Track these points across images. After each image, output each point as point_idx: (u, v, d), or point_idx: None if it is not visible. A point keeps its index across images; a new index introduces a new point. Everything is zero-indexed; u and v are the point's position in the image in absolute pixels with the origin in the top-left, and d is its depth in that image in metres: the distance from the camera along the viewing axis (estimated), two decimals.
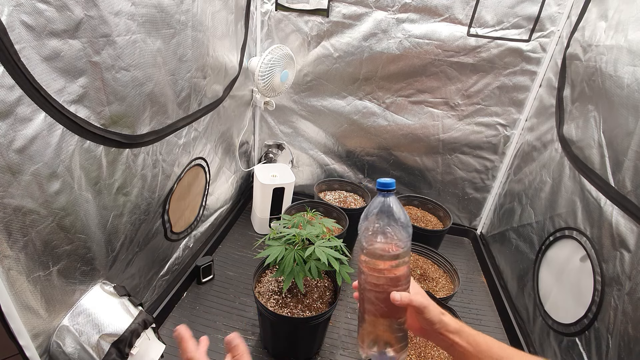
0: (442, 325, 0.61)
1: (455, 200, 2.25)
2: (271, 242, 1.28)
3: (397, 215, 0.61)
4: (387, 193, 0.62)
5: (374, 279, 0.62)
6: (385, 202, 0.62)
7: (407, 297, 0.60)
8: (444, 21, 1.77)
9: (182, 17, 1.16)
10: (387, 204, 0.62)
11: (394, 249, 0.61)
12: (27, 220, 0.76)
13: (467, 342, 0.60)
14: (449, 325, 0.61)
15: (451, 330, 0.61)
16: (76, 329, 0.91)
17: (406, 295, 0.60)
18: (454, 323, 0.62)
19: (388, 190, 0.62)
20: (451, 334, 0.61)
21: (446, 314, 0.63)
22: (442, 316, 0.62)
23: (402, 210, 0.62)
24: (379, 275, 0.62)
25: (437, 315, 0.61)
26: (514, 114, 1.93)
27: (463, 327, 0.61)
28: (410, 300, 0.60)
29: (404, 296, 0.60)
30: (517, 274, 1.73)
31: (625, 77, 1.18)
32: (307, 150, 2.29)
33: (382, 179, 0.62)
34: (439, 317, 0.61)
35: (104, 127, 0.93)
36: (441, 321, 0.61)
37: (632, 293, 1.03)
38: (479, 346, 0.59)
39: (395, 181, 0.61)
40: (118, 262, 1.13)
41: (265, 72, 1.75)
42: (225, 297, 1.64)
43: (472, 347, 0.59)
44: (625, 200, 1.11)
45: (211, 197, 1.83)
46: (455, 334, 0.60)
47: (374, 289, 0.62)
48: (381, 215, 0.62)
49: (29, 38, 0.69)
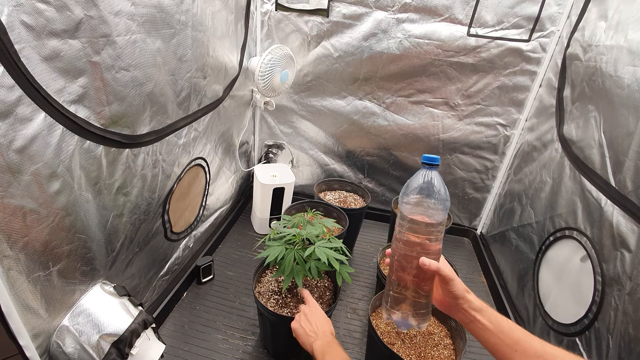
0: (466, 301, 0.63)
1: (455, 200, 2.24)
2: (271, 242, 1.28)
3: (437, 188, 0.64)
4: (430, 167, 0.65)
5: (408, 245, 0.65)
6: (428, 174, 0.65)
7: (435, 264, 0.62)
8: (444, 21, 1.77)
9: (182, 17, 1.16)
10: (429, 177, 0.65)
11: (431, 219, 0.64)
12: (27, 220, 0.76)
13: (489, 321, 0.61)
14: (472, 303, 0.62)
15: (474, 307, 0.62)
16: (76, 329, 0.91)
17: (435, 262, 0.62)
18: (478, 302, 0.63)
19: (432, 165, 0.65)
20: (473, 311, 0.62)
21: (471, 293, 0.65)
22: (466, 293, 0.63)
23: (442, 185, 0.65)
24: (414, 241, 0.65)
25: (462, 290, 0.63)
26: (514, 114, 1.93)
27: (486, 307, 0.63)
28: (437, 268, 0.62)
29: (433, 263, 0.62)
30: (517, 274, 1.73)
31: (625, 77, 1.18)
32: (307, 150, 2.29)
33: (427, 155, 0.66)
34: (463, 293, 0.63)
35: (104, 127, 0.93)
36: (465, 297, 0.63)
37: (633, 293, 1.03)
38: (500, 326, 0.60)
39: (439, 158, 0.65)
40: (118, 262, 1.13)
41: (265, 72, 1.75)
42: (225, 297, 1.64)
43: (494, 325, 0.60)
44: (626, 200, 1.11)
45: (211, 197, 1.83)
46: (478, 312, 0.62)
47: (408, 253, 0.65)
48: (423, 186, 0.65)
49: (29, 38, 0.69)
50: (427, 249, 0.65)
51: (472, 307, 0.62)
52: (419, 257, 0.64)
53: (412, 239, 0.65)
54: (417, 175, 0.66)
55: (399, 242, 0.67)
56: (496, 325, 0.60)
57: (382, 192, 2.32)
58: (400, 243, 0.67)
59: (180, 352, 1.36)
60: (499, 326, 0.60)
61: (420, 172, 0.66)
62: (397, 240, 0.68)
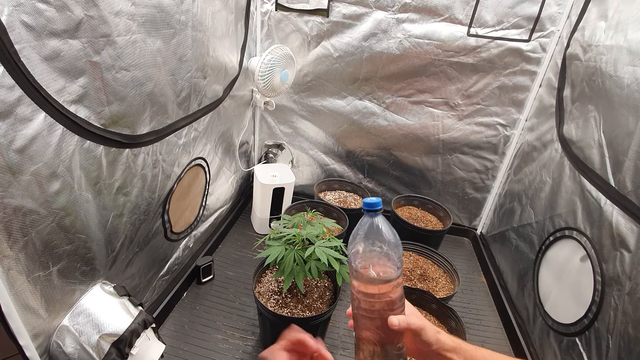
0: (440, 345, 0.59)
1: (455, 200, 2.25)
2: (271, 242, 1.28)
3: (387, 236, 0.58)
4: (374, 213, 0.58)
5: (368, 305, 0.59)
6: (373, 223, 0.58)
7: (404, 320, 0.58)
8: (444, 21, 1.77)
9: (182, 17, 1.16)
10: (375, 225, 0.58)
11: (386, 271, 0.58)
12: (27, 220, 0.76)
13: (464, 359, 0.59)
14: (446, 344, 0.60)
15: (448, 349, 0.59)
16: (76, 329, 0.91)
17: (403, 318, 0.58)
18: (451, 341, 0.60)
19: (375, 211, 0.58)
20: (449, 353, 0.59)
21: (442, 332, 0.61)
22: (438, 335, 0.60)
23: (391, 230, 0.59)
24: (373, 300, 0.59)
25: (434, 335, 0.60)
26: (514, 114, 1.93)
27: (460, 345, 0.60)
28: (408, 324, 0.58)
29: (401, 320, 0.57)
30: (517, 274, 1.73)
31: (625, 77, 1.18)
32: (307, 150, 2.29)
33: (367, 199, 0.58)
34: (435, 337, 0.59)
35: (104, 127, 0.93)
36: (438, 341, 0.59)
37: (633, 293, 1.03)
38: None
39: (381, 200, 0.58)
40: (118, 262, 1.13)
41: (265, 72, 1.75)
42: (225, 297, 1.64)
43: None
44: (626, 200, 1.11)
45: (211, 197, 1.83)
46: (453, 352, 0.59)
47: (369, 315, 0.60)
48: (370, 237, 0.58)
49: (29, 38, 0.69)
50: (392, 303, 0.59)
51: (446, 349, 0.59)
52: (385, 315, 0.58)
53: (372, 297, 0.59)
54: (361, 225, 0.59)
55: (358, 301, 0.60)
56: None
57: (382, 192, 2.33)
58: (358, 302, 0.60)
59: (180, 352, 1.36)
60: None
61: (363, 220, 0.59)
62: (355, 299, 0.61)
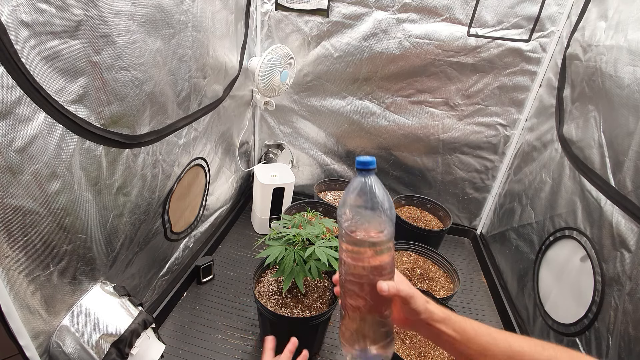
0: (429, 315, 0.57)
1: (455, 200, 2.25)
2: (271, 242, 1.28)
3: (380, 198, 0.55)
4: (367, 172, 0.55)
5: (356, 270, 0.57)
6: (366, 183, 0.55)
7: (394, 286, 0.56)
8: (444, 21, 1.77)
9: (182, 17, 1.16)
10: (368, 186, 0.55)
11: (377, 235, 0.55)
12: (27, 220, 0.76)
13: (454, 330, 0.57)
14: (435, 314, 0.58)
15: (437, 319, 0.57)
16: (76, 329, 0.91)
17: (393, 284, 0.56)
18: (440, 312, 0.58)
19: (368, 170, 0.55)
20: (437, 323, 0.57)
21: (431, 302, 0.59)
22: (427, 305, 0.58)
23: (384, 192, 0.56)
24: (362, 264, 0.56)
25: (423, 304, 0.57)
26: (514, 114, 1.93)
27: (449, 315, 0.58)
28: (397, 291, 0.55)
29: (391, 286, 0.55)
30: (517, 274, 1.73)
31: (625, 77, 1.18)
32: (307, 150, 2.29)
33: (361, 157, 0.54)
34: (424, 307, 0.57)
35: (104, 127, 0.93)
36: (427, 310, 0.57)
37: (633, 293, 1.03)
38: (466, 333, 0.56)
39: (375, 159, 0.55)
40: (118, 262, 1.13)
41: (265, 72, 1.75)
42: (225, 297, 1.64)
43: (460, 335, 0.56)
44: (626, 200, 1.11)
45: (211, 197, 1.83)
46: (442, 323, 0.57)
47: (357, 280, 0.57)
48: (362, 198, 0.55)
49: (29, 38, 0.69)
50: (381, 269, 0.56)
51: (435, 319, 0.57)
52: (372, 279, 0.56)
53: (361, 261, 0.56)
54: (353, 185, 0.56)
55: (346, 265, 0.58)
56: (462, 334, 0.56)
57: None
58: (346, 267, 0.58)
59: (180, 352, 1.36)
60: (464, 334, 0.56)
61: (355, 180, 0.56)
62: (343, 264, 0.58)
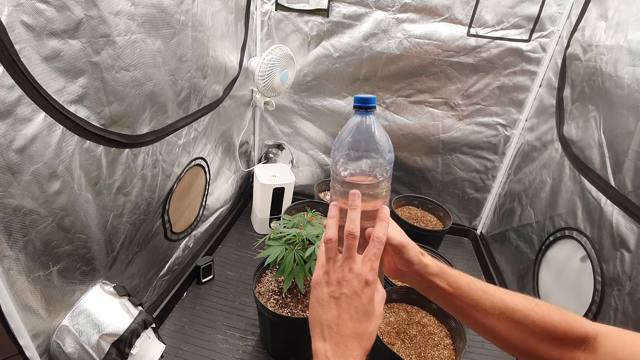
0: (422, 267, 0.55)
1: (455, 200, 2.24)
2: (271, 242, 1.28)
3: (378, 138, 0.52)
4: (365, 111, 0.52)
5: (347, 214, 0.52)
6: (364, 122, 0.52)
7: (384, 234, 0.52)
8: (444, 21, 1.77)
9: (182, 17, 1.16)
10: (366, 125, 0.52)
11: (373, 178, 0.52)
12: (27, 220, 0.76)
13: (448, 284, 0.55)
14: (429, 267, 0.56)
15: (431, 272, 0.55)
16: (76, 329, 0.91)
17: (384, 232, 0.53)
18: (435, 265, 0.56)
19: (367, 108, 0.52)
20: (431, 276, 0.55)
21: (426, 255, 0.57)
22: (421, 257, 0.56)
23: (383, 132, 0.53)
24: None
25: (417, 255, 0.55)
26: (514, 114, 1.93)
27: (444, 269, 0.57)
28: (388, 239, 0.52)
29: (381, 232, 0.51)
30: (517, 274, 1.73)
31: (625, 77, 1.18)
32: (307, 150, 2.29)
33: (360, 94, 0.52)
34: (418, 258, 0.55)
35: (104, 127, 0.93)
36: (420, 262, 0.55)
37: (633, 293, 1.03)
38: (460, 288, 0.55)
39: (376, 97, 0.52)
40: (118, 262, 1.13)
41: (265, 72, 1.75)
42: (225, 297, 1.64)
43: (453, 289, 0.55)
44: (626, 200, 1.11)
45: (211, 197, 1.83)
46: (436, 276, 0.55)
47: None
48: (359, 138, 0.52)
49: (29, 38, 0.69)
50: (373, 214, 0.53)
51: (428, 272, 0.55)
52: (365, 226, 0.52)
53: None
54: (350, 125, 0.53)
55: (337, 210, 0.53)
56: (455, 288, 0.55)
57: None
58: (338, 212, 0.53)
59: (180, 352, 1.36)
60: (458, 289, 0.55)
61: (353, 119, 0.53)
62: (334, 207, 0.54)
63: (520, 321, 0.51)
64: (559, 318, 0.50)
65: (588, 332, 0.49)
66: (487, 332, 0.54)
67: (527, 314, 0.51)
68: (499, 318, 0.52)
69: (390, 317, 1.41)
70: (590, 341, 0.48)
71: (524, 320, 0.51)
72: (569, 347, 0.49)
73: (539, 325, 0.50)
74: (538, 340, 0.50)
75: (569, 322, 0.49)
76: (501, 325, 0.52)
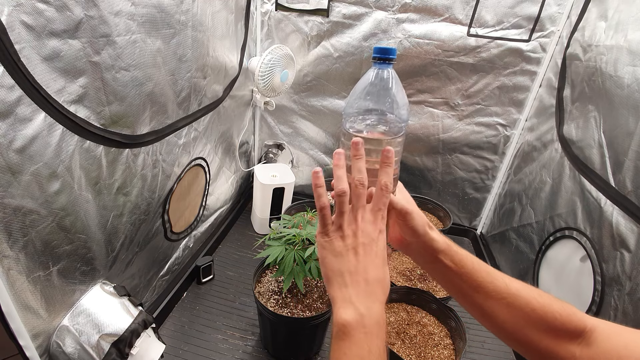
0: (428, 239, 0.53)
1: (455, 200, 2.24)
2: (271, 242, 1.28)
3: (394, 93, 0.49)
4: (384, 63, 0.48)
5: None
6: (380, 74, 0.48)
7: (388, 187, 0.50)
8: (444, 21, 1.77)
9: (182, 17, 1.16)
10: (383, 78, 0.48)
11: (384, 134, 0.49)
12: (27, 220, 0.76)
13: (452, 262, 0.53)
14: (435, 242, 0.54)
15: (437, 247, 0.54)
16: (76, 329, 0.91)
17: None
18: (442, 241, 0.54)
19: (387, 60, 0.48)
20: (436, 251, 0.54)
21: (434, 229, 0.55)
22: (428, 229, 0.54)
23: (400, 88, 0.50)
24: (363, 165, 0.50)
25: (423, 225, 0.53)
26: (514, 114, 1.93)
27: (451, 246, 0.55)
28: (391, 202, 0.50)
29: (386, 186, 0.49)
30: (517, 274, 1.73)
31: (625, 77, 1.18)
32: (307, 150, 2.29)
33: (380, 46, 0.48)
34: (424, 229, 0.53)
35: (104, 127, 0.93)
36: (427, 234, 0.53)
37: (633, 293, 1.03)
38: (465, 267, 0.53)
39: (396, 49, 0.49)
40: (118, 262, 1.13)
41: (265, 72, 1.75)
42: (225, 297, 1.64)
43: (457, 267, 0.53)
44: (626, 200, 1.11)
45: (211, 197, 1.83)
46: (441, 253, 0.54)
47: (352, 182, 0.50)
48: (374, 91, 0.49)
49: (29, 38, 0.69)
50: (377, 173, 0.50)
51: (435, 248, 0.53)
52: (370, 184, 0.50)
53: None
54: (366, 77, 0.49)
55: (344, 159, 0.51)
56: (460, 267, 0.53)
57: None
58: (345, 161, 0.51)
59: (180, 352, 1.36)
60: (463, 268, 0.53)
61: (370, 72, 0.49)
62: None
63: (520, 308, 0.50)
64: (560, 309, 0.49)
65: (586, 325, 0.48)
66: (485, 316, 0.53)
67: (528, 301, 0.50)
68: (499, 303, 0.51)
69: (390, 317, 1.41)
70: (587, 335, 0.48)
71: (524, 308, 0.50)
72: (565, 339, 0.49)
73: (538, 314, 0.49)
74: (535, 329, 0.50)
75: (568, 314, 0.49)
76: (500, 310, 0.51)
